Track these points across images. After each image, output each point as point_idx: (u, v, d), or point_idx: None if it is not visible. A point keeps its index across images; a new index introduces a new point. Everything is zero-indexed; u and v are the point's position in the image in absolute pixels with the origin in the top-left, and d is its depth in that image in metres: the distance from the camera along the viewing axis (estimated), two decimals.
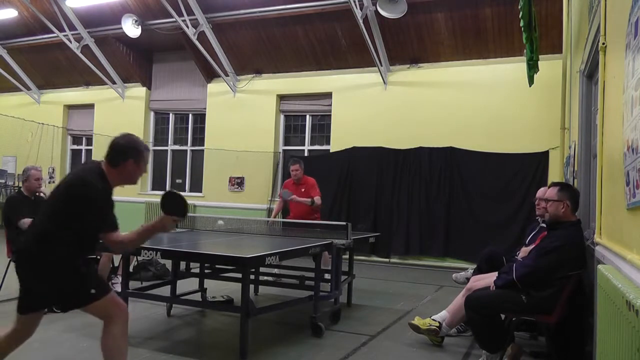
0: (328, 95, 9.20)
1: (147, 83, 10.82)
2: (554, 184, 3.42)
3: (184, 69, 10.46)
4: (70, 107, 11.78)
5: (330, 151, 9.04)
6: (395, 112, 8.55)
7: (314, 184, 6.24)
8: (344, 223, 4.56)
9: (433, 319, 3.79)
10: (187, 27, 8.80)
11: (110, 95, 11.00)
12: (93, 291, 2.45)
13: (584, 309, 3.15)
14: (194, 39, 8.98)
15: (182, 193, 9.51)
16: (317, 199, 6.10)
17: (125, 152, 2.54)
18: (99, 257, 5.01)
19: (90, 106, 11.37)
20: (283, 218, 8.81)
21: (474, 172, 7.84)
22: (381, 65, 8.43)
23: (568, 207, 3.15)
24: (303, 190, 6.17)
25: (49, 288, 2.40)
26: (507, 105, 7.82)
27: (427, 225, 8.07)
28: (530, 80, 5.74)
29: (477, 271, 4.17)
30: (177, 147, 10.75)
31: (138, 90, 10.87)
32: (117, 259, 4.96)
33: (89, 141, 11.52)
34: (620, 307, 1.54)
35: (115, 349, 2.43)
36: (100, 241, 2.61)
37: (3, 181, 10.85)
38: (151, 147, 10.86)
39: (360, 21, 7.60)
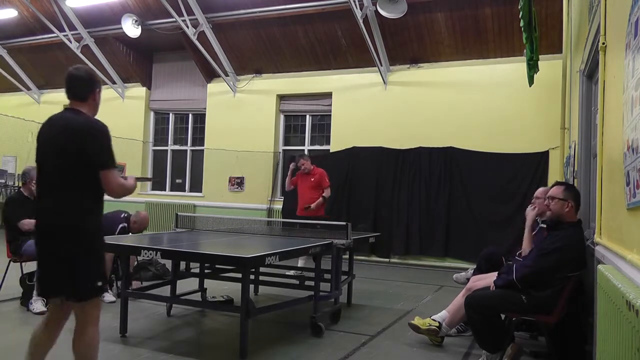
0: (328, 95, 9.20)
1: (147, 83, 10.82)
2: (559, 183, 3.42)
3: (184, 69, 10.46)
4: None
5: (330, 151, 9.03)
6: (395, 112, 8.55)
7: (323, 175, 6.77)
8: (344, 223, 4.56)
9: (433, 319, 3.78)
10: (187, 27, 8.80)
11: (110, 95, 10.98)
12: (100, 284, 2.38)
13: (584, 309, 3.15)
14: (194, 39, 8.98)
15: (182, 193, 9.46)
16: (327, 192, 6.73)
17: (92, 82, 2.51)
18: None
19: None
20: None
21: (473, 172, 7.83)
22: (381, 65, 8.42)
23: (572, 207, 3.15)
24: (312, 179, 6.72)
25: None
26: (507, 105, 7.82)
27: (427, 225, 8.06)
28: (530, 80, 5.74)
29: (477, 271, 4.17)
30: (177, 147, 10.74)
31: (138, 90, 10.86)
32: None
33: None
34: (620, 307, 1.54)
35: (94, 347, 2.38)
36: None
37: (3, 181, 10.85)
38: (151, 147, 10.87)
39: (360, 21, 7.60)
